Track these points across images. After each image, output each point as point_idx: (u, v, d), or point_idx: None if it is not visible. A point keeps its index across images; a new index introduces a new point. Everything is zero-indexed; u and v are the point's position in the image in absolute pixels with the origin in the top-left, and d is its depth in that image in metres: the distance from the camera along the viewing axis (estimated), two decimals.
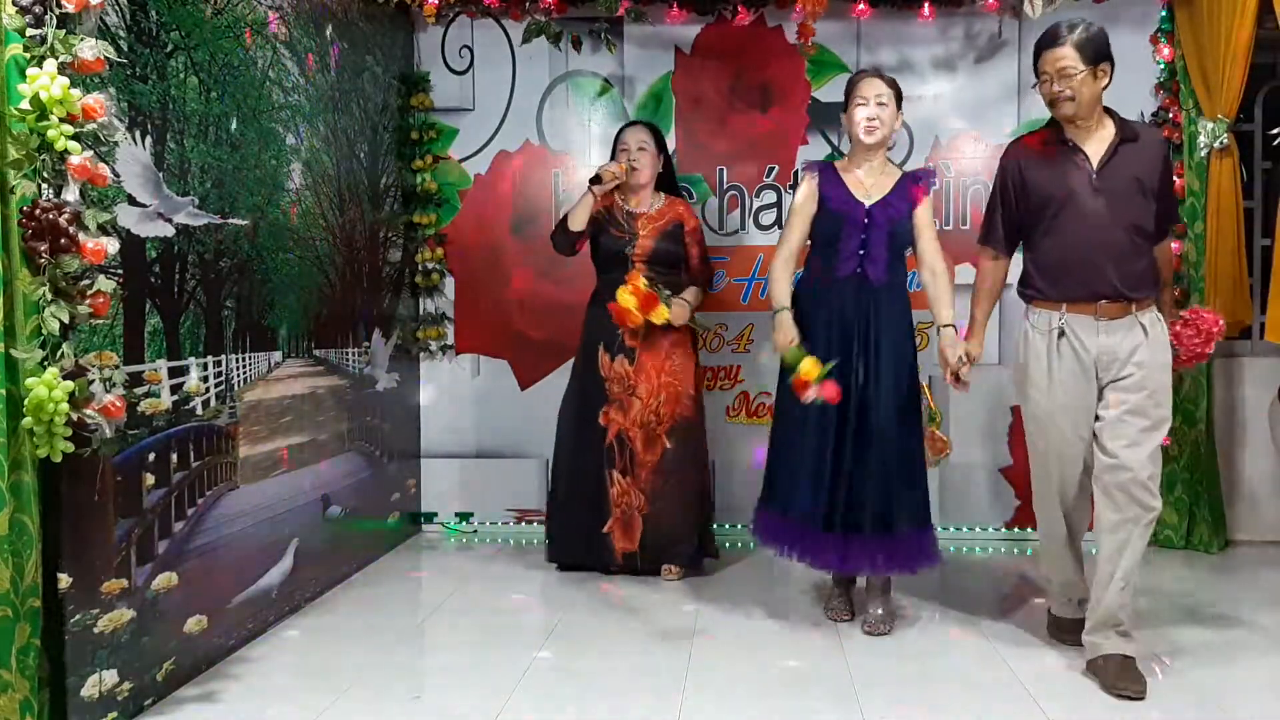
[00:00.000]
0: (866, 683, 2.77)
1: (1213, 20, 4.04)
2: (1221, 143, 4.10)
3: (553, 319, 4.60)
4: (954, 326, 3.17)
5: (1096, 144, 2.92)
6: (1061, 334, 2.90)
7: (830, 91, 4.51)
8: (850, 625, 3.29)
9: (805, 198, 3.33)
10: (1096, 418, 2.86)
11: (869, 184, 3.28)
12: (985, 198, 4.37)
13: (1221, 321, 3.10)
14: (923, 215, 3.27)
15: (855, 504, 3.17)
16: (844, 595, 3.40)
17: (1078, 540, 3.04)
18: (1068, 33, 2.86)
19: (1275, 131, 3.86)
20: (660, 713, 2.58)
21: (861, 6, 4.22)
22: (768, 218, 4.57)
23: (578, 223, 3.82)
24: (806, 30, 4.00)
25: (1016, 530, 4.45)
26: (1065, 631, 3.10)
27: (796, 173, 4.53)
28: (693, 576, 3.85)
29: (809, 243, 3.39)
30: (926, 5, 4.27)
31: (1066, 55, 2.85)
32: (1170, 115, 4.29)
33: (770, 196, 4.56)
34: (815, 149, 4.54)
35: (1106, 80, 2.91)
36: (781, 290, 3.29)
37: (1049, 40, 2.90)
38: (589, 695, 2.74)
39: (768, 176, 4.56)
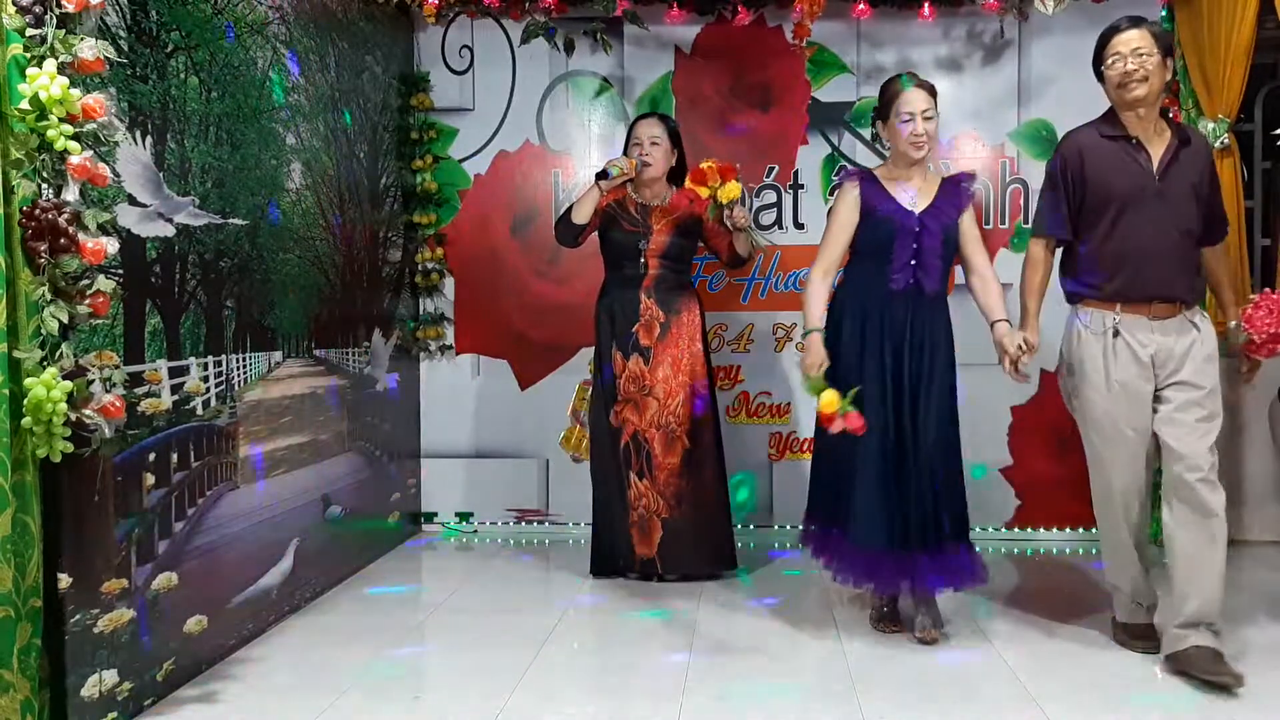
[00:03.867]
0: (866, 683, 2.77)
1: (1213, 20, 4.04)
2: (1222, 143, 4.10)
3: (553, 319, 4.60)
4: (1008, 321, 3.10)
5: (1157, 144, 2.92)
6: (1116, 334, 2.90)
7: (830, 91, 4.52)
8: (851, 624, 3.28)
9: (848, 209, 3.20)
10: (1154, 410, 2.87)
11: (914, 191, 3.20)
12: (985, 198, 4.43)
13: None
14: (969, 221, 3.21)
15: (918, 521, 3.06)
16: (893, 606, 3.28)
17: (1144, 543, 2.99)
18: (1139, 22, 2.90)
19: (1278, 132, 3.86)
20: (660, 713, 2.58)
21: (861, 6, 4.21)
22: (768, 218, 4.56)
23: (582, 215, 3.74)
24: (802, 30, 3.98)
25: (1017, 530, 4.45)
26: (1135, 638, 3.04)
27: (797, 173, 4.54)
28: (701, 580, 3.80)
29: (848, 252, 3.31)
30: (927, 5, 4.27)
31: (1142, 38, 2.86)
32: (1170, 115, 4.28)
33: (770, 196, 4.56)
34: (815, 149, 4.54)
35: (1170, 77, 2.92)
36: (816, 311, 3.17)
37: (1122, 24, 2.91)
38: (589, 695, 2.73)
39: (768, 176, 4.56)
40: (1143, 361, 2.87)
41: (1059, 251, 3.10)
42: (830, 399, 2.92)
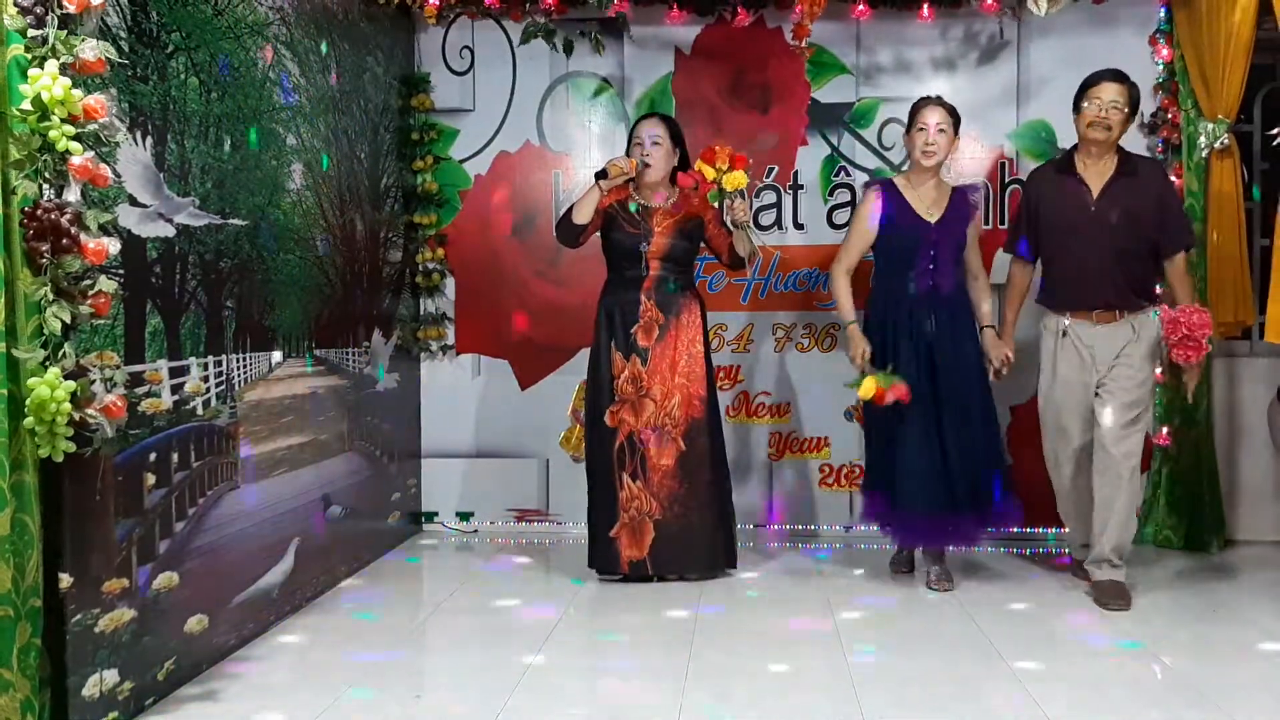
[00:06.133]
0: (866, 683, 2.77)
1: (1212, 21, 4.04)
2: (1222, 143, 4.10)
3: (553, 319, 4.61)
4: (993, 328, 3.74)
5: (1098, 177, 3.50)
6: (1065, 334, 3.55)
7: (830, 93, 4.52)
8: (851, 624, 3.29)
9: (870, 216, 3.71)
10: (1097, 394, 3.50)
11: (929, 201, 3.69)
12: (984, 199, 4.43)
13: (1204, 319, 3.41)
14: (973, 229, 3.77)
15: (958, 488, 3.59)
16: (910, 555, 3.90)
17: (1083, 499, 3.61)
18: (1123, 78, 3.48)
19: (1275, 132, 3.86)
20: (660, 713, 2.58)
21: (861, 7, 4.22)
22: (768, 218, 4.57)
23: (582, 216, 3.74)
24: (802, 30, 3.98)
25: (1017, 530, 4.44)
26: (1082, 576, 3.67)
27: (796, 174, 4.55)
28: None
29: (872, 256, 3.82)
30: (925, 6, 4.27)
31: (1120, 93, 3.45)
32: (1169, 116, 4.29)
33: (770, 197, 4.57)
34: (815, 149, 4.54)
35: (1128, 126, 3.53)
36: (847, 304, 3.74)
37: (1106, 75, 3.48)
38: (589, 695, 2.74)
39: (768, 177, 4.56)
40: (1084, 359, 3.52)
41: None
42: (869, 385, 3.44)
